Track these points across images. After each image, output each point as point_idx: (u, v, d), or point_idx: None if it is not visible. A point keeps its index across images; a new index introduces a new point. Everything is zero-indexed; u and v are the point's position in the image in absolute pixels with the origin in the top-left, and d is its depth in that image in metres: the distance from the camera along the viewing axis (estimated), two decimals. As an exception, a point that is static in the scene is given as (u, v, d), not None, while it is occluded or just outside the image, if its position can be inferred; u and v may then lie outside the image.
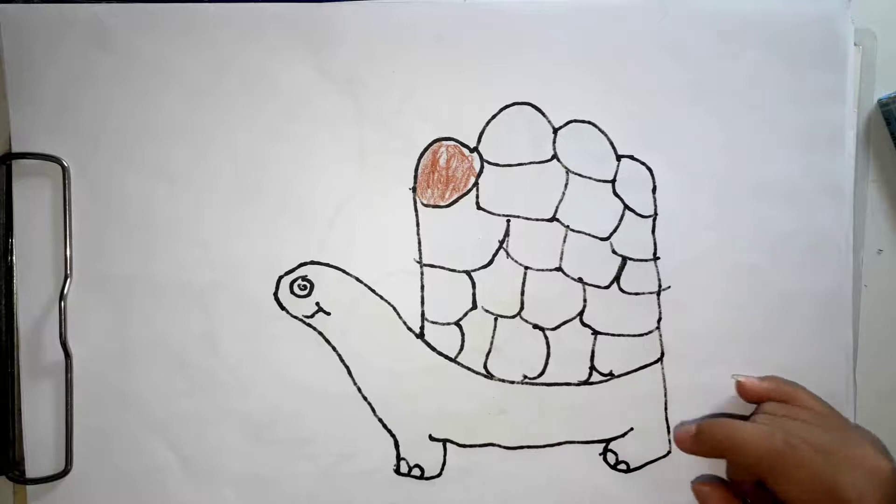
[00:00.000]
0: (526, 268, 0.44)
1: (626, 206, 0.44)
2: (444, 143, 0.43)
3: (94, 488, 0.43)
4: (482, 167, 0.43)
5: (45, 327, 0.43)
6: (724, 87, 0.44)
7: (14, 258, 0.43)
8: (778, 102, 0.44)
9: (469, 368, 0.44)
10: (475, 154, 0.44)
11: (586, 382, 0.44)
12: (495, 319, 0.44)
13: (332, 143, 0.43)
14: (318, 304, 0.44)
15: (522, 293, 0.44)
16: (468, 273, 0.44)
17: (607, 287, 0.44)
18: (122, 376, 0.43)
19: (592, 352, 0.44)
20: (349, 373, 0.44)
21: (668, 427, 0.44)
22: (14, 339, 0.43)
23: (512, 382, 0.44)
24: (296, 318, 0.44)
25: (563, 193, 0.44)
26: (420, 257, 0.44)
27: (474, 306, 0.44)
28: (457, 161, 0.44)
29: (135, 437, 0.44)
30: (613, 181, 0.44)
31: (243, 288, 0.43)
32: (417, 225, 0.44)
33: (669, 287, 0.44)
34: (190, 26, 0.42)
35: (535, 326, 0.44)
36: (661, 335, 0.44)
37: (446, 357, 0.44)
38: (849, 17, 0.44)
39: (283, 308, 0.44)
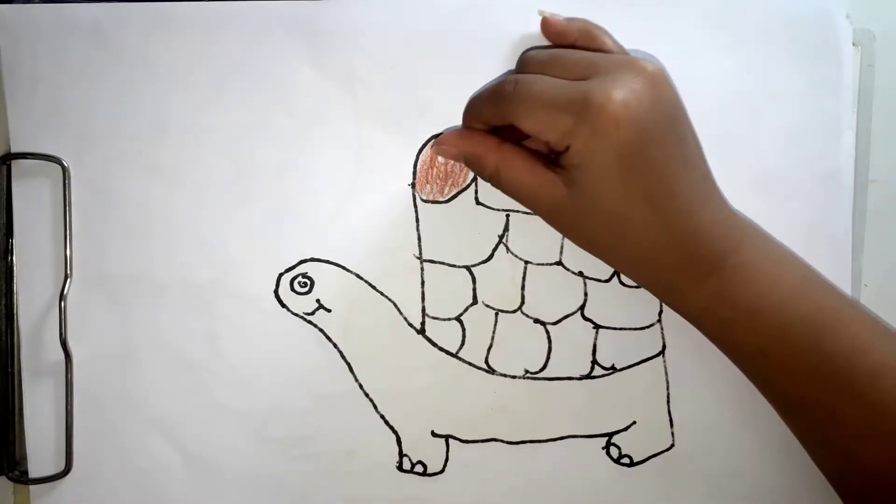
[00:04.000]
0: (526, 262, 0.44)
1: (626, 200, 0.44)
2: (443, 138, 0.44)
3: (95, 488, 0.43)
4: (481, 162, 0.43)
5: (45, 327, 0.43)
6: (719, 80, 0.44)
7: (14, 258, 0.43)
8: (774, 96, 0.44)
9: (470, 364, 0.44)
10: (474, 149, 0.44)
11: (588, 376, 0.44)
12: (496, 314, 0.44)
13: (331, 139, 0.43)
14: (318, 301, 0.44)
15: (523, 288, 0.44)
16: (468, 268, 0.44)
17: (608, 280, 0.44)
18: (122, 376, 0.43)
19: (594, 346, 0.44)
20: (350, 370, 0.44)
21: (671, 420, 0.44)
22: (14, 339, 0.43)
23: (514, 377, 0.44)
24: (296, 315, 0.44)
25: (563, 187, 0.44)
26: (420, 253, 0.44)
27: (475, 301, 0.44)
28: (456, 156, 0.44)
29: (136, 437, 0.43)
30: (612, 174, 0.44)
31: (244, 286, 0.43)
32: (417, 221, 0.44)
33: (670, 279, 0.44)
34: (189, 26, 0.42)
35: (537, 321, 0.44)
36: (662, 328, 0.44)
37: (447, 352, 0.44)
38: (843, 9, 0.44)
39: (283, 305, 0.44)
